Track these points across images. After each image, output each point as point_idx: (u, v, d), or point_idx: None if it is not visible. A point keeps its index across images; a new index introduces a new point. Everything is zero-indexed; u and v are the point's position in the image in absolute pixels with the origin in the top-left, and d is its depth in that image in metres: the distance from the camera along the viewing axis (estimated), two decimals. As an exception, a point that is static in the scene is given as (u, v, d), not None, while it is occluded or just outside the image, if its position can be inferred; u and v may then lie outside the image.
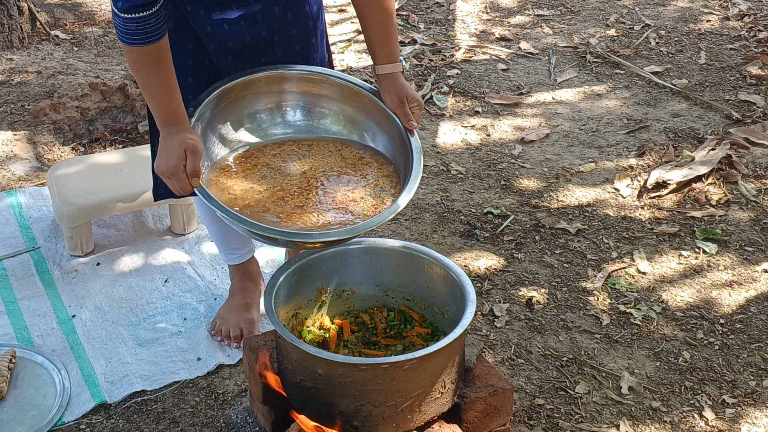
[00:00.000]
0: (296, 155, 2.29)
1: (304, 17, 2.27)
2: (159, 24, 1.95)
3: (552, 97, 4.34)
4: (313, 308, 2.30)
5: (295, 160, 2.27)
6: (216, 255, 3.08)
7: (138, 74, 2.03)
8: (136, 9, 1.91)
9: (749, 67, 4.56)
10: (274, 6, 2.18)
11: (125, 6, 1.92)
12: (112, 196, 3.03)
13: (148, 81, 2.03)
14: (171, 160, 2.01)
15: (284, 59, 2.28)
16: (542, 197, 3.47)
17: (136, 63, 2.01)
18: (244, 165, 2.25)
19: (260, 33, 2.19)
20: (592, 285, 2.95)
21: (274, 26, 2.21)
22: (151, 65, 2.00)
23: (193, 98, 2.21)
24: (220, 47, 2.19)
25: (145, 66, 2.01)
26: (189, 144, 2.01)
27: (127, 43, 1.96)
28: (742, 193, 3.48)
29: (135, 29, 1.93)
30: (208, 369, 2.57)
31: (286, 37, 2.24)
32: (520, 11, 5.42)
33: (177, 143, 2.01)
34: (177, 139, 2.02)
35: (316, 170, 2.24)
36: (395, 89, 2.25)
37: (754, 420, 2.42)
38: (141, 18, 1.92)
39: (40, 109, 3.93)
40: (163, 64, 2.01)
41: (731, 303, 2.88)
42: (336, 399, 1.98)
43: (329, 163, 2.26)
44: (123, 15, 1.92)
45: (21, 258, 3.06)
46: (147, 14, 1.92)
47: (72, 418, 2.40)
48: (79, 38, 4.99)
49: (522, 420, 2.40)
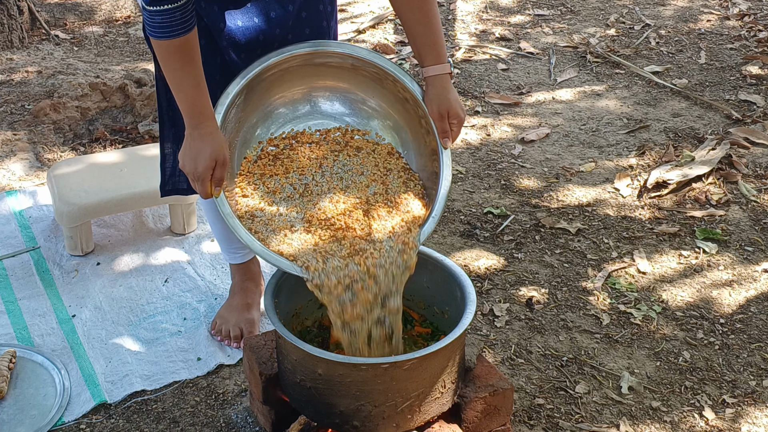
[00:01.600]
0: (330, 158, 2.21)
1: (317, 17, 2.27)
2: (186, 17, 1.95)
3: (552, 96, 4.34)
4: (313, 308, 2.30)
5: (326, 170, 2.19)
6: (216, 255, 3.09)
7: (165, 68, 2.04)
8: (162, 2, 1.91)
9: (749, 67, 4.56)
10: (288, 5, 2.18)
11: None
12: (112, 196, 3.03)
13: (174, 75, 2.03)
14: (199, 167, 2.03)
15: None
16: (542, 197, 3.47)
17: (163, 57, 2.01)
18: (272, 167, 2.20)
19: (274, 31, 2.19)
20: (592, 285, 2.95)
21: (289, 25, 2.21)
22: (178, 59, 2.00)
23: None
24: (233, 44, 2.19)
25: (172, 60, 2.01)
26: (219, 155, 2.03)
27: (155, 36, 1.97)
28: (742, 193, 3.48)
29: (161, 22, 1.93)
30: (208, 369, 2.57)
31: (299, 36, 2.24)
32: (520, 11, 5.43)
33: (208, 152, 2.03)
34: (208, 148, 2.03)
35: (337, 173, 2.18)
36: (438, 99, 2.14)
37: (754, 420, 2.42)
38: (167, 11, 1.91)
39: (40, 109, 3.93)
40: (190, 58, 2.01)
41: (731, 303, 2.88)
42: (336, 399, 1.98)
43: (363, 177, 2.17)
44: (149, 8, 1.92)
45: (21, 258, 3.06)
46: (173, 7, 1.92)
47: (72, 418, 2.40)
48: (79, 38, 4.99)
49: (522, 420, 2.40)
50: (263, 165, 2.19)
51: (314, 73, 2.24)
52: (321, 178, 2.16)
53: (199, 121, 2.04)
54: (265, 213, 2.11)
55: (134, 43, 4.96)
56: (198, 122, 2.04)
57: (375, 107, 2.28)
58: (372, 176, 2.17)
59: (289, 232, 2.07)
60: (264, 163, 2.19)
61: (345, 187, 2.15)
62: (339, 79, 2.26)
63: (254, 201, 2.13)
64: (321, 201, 2.11)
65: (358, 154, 2.21)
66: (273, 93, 2.23)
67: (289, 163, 2.19)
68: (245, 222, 2.10)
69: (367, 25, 5.15)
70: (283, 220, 2.10)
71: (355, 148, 2.23)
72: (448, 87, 2.15)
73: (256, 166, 2.19)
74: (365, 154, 2.22)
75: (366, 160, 2.20)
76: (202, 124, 2.04)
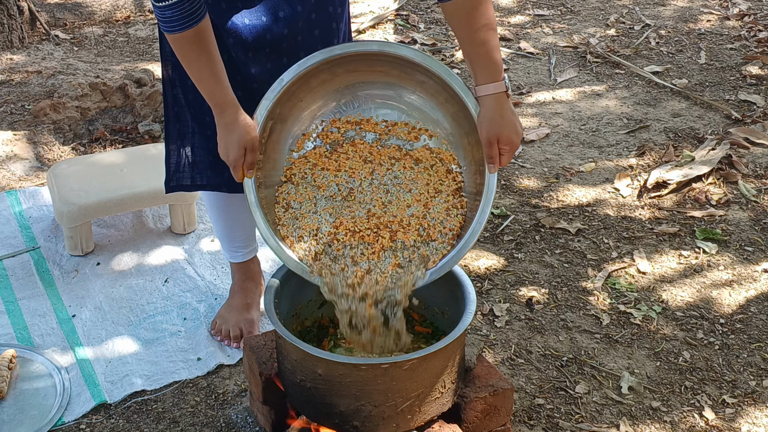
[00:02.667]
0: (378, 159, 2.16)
1: (327, 19, 2.26)
2: (194, 7, 1.96)
3: (552, 96, 4.34)
4: (313, 308, 2.30)
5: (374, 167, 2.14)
6: (216, 255, 3.09)
7: (183, 61, 2.06)
8: None
9: (749, 67, 4.56)
10: (297, 5, 2.18)
11: None
12: (112, 196, 3.03)
13: (192, 67, 2.05)
14: (230, 155, 2.08)
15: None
16: (542, 197, 3.47)
17: (179, 50, 2.03)
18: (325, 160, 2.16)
19: (281, 31, 2.18)
20: (592, 285, 2.95)
21: (298, 27, 2.20)
22: (192, 50, 2.02)
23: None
24: (240, 42, 2.19)
25: (188, 51, 2.02)
26: (247, 142, 2.06)
27: (167, 30, 1.99)
28: (742, 193, 3.48)
29: (171, 16, 1.95)
30: (208, 369, 2.57)
31: (308, 38, 2.23)
32: (520, 11, 5.43)
33: (235, 140, 2.06)
34: (234, 136, 2.06)
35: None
36: (489, 123, 1.99)
37: (754, 420, 2.42)
38: (175, 4, 1.93)
39: (40, 109, 3.93)
40: (204, 49, 2.02)
41: (731, 303, 2.88)
42: (336, 399, 1.98)
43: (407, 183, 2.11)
44: (158, 4, 1.94)
45: (21, 258, 3.06)
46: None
47: (72, 418, 2.40)
48: (79, 38, 4.99)
49: (522, 420, 2.40)
50: (319, 155, 2.15)
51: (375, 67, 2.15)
52: (368, 186, 2.12)
53: (222, 110, 2.07)
54: (301, 207, 2.12)
55: (134, 43, 4.96)
56: (221, 111, 2.07)
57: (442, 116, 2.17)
58: (418, 196, 2.10)
59: (313, 233, 2.07)
60: (320, 153, 2.16)
61: (387, 201, 2.10)
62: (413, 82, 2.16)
63: (297, 191, 2.13)
64: (358, 210, 2.10)
65: (414, 167, 2.13)
66: (346, 79, 2.16)
67: (344, 159, 2.14)
68: (279, 209, 2.12)
69: (367, 25, 5.15)
70: (314, 219, 2.09)
71: (414, 159, 2.13)
72: (502, 108, 1.98)
73: (313, 153, 2.16)
74: (422, 169, 2.12)
75: (419, 177, 2.11)
76: (225, 113, 2.07)
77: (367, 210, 2.08)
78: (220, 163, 2.37)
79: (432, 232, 2.05)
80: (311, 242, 2.06)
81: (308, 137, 2.17)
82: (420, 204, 2.08)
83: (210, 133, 2.33)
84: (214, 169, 2.39)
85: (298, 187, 2.14)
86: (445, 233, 2.05)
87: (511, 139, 2.00)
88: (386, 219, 2.07)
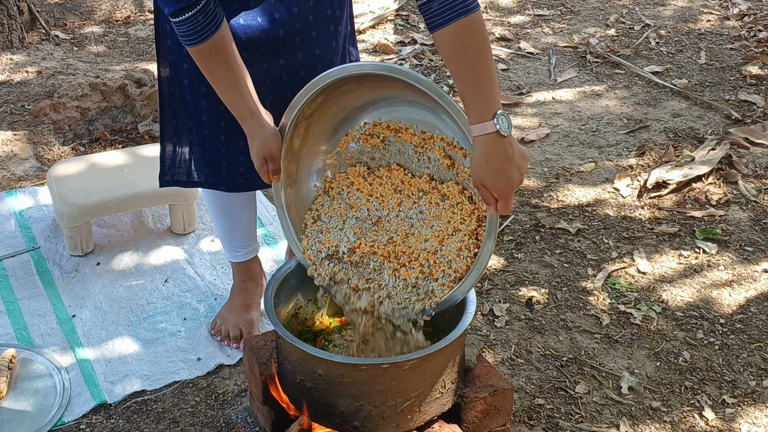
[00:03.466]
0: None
1: (325, 21, 2.25)
2: (208, 20, 1.98)
3: (552, 97, 4.34)
4: (313, 308, 2.30)
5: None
6: (216, 255, 3.09)
7: (204, 72, 2.09)
8: (181, 12, 1.96)
9: (749, 67, 4.56)
10: (293, 7, 2.17)
11: (171, 10, 1.97)
12: (112, 196, 3.03)
13: (212, 77, 2.08)
14: (255, 163, 2.13)
15: (303, 62, 2.25)
16: (542, 197, 3.47)
17: (198, 62, 2.06)
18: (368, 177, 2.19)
19: (277, 32, 2.18)
20: (592, 285, 2.95)
21: (295, 28, 2.20)
22: (211, 62, 2.05)
23: (206, 88, 2.23)
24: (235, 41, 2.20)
25: (207, 63, 2.05)
26: (266, 152, 2.09)
27: (186, 44, 2.03)
28: (742, 193, 3.48)
29: (186, 30, 1.99)
30: (208, 369, 2.57)
31: (306, 40, 2.23)
32: (520, 11, 5.43)
33: (255, 150, 2.11)
34: (255, 145, 2.10)
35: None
36: (475, 166, 1.83)
37: (754, 420, 2.42)
38: (189, 18, 1.96)
39: (40, 109, 3.93)
40: (222, 60, 2.05)
41: (731, 303, 2.88)
42: (336, 399, 1.98)
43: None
44: (173, 20, 1.98)
45: (21, 258, 3.06)
46: (193, 13, 1.96)
47: (72, 418, 2.40)
48: (79, 38, 4.99)
49: (522, 420, 2.40)
50: (357, 173, 2.18)
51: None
52: (395, 216, 2.13)
53: (242, 120, 2.11)
54: (330, 221, 2.16)
55: (134, 43, 4.96)
56: (242, 121, 2.11)
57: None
58: (436, 233, 2.08)
59: (332, 249, 2.13)
60: (359, 172, 2.18)
61: (409, 233, 2.11)
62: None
63: (331, 205, 2.18)
64: (379, 237, 2.12)
65: (440, 204, 2.10)
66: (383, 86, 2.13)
67: (377, 185, 2.16)
68: (308, 218, 2.18)
69: (368, 25, 5.15)
70: (337, 235, 2.14)
71: (442, 194, 2.10)
72: (488, 153, 1.80)
73: (353, 171, 2.18)
74: (446, 206, 2.09)
75: (443, 215, 2.08)
76: (245, 123, 2.11)
77: (389, 237, 2.12)
78: (217, 162, 2.38)
79: (435, 270, 2.05)
80: (327, 262, 2.14)
81: (351, 138, 2.18)
82: (436, 240, 2.08)
83: (207, 132, 2.33)
84: (212, 168, 2.40)
85: (333, 201, 2.18)
86: (449, 274, 2.04)
87: (498, 186, 1.82)
88: (400, 249, 2.10)
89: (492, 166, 1.80)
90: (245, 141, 2.21)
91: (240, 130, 2.22)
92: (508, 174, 1.81)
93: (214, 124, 2.31)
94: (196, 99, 2.29)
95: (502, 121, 1.79)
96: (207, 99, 2.27)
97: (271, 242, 3.17)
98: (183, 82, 2.30)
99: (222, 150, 2.35)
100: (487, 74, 1.80)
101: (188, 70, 2.25)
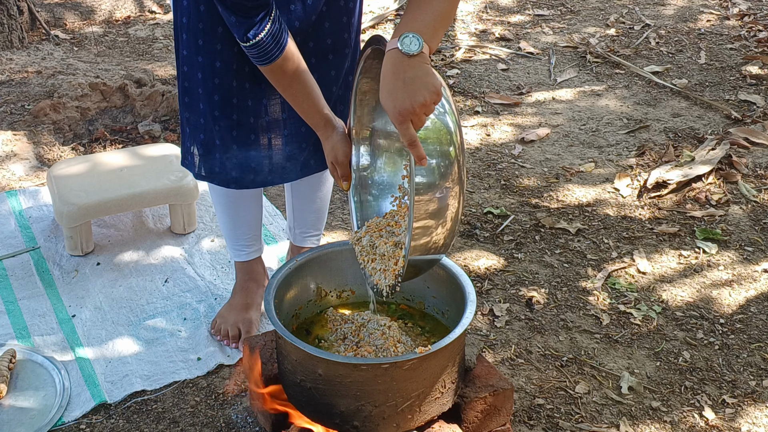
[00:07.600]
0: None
1: (338, 12, 2.28)
2: (276, 39, 2.04)
3: (552, 96, 4.34)
4: (314, 308, 2.30)
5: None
6: (216, 255, 3.09)
7: (278, 89, 2.16)
8: (250, 38, 2.02)
9: (749, 67, 4.56)
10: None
11: (238, 36, 2.03)
12: (112, 196, 3.03)
13: (286, 93, 2.15)
14: (329, 167, 2.22)
15: (315, 51, 2.29)
16: (542, 197, 3.47)
17: (271, 79, 2.13)
18: None
19: (293, 24, 2.20)
20: (592, 285, 2.95)
21: (310, 20, 2.22)
22: (283, 79, 2.12)
23: (220, 81, 2.24)
24: None
25: (279, 80, 2.12)
26: (333, 158, 2.17)
27: (259, 65, 2.10)
28: (742, 193, 3.48)
29: (258, 53, 2.05)
30: (208, 369, 2.57)
31: (318, 30, 2.26)
32: (520, 11, 5.43)
33: (326, 155, 2.20)
34: (326, 151, 2.19)
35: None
36: (380, 84, 1.77)
37: (754, 420, 2.42)
38: (257, 43, 2.02)
39: (40, 109, 3.93)
40: (293, 75, 2.11)
41: (731, 303, 2.88)
42: (336, 399, 1.98)
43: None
44: (243, 45, 2.05)
45: (21, 258, 3.06)
46: (262, 37, 2.02)
47: (72, 418, 2.40)
48: (79, 38, 4.99)
49: (522, 420, 2.40)
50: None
51: None
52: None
53: (317, 129, 2.19)
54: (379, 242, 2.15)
55: (134, 43, 4.96)
56: (317, 129, 2.19)
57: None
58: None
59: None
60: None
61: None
62: None
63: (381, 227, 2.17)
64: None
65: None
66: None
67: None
68: (371, 226, 2.17)
69: (367, 25, 5.15)
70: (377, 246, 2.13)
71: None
72: (385, 69, 1.75)
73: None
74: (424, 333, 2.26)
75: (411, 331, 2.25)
76: (319, 131, 2.19)
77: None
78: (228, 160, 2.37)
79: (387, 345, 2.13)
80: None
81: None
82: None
83: (218, 128, 2.32)
84: (222, 165, 2.39)
85: (384, 231, 2.18)
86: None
87: (397, 106, 1.71)
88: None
89: (387, 83, 1.74)
90: (256, 136, 2.28)
91: (251, 125, 2.26)
92: (411, 95, 1.71)
93: (226, 118, 2.30)
94: (209, 94, 2.28)
95: (409, 42, 1.73)
96: (220, 92, 2.27)
97: (271, 242, 3.17)
98: (197, 76, 2.29)
99: (233, 146, 2.34)
100: (431, 9, 1.79)
101: (202, 63, 2.25)
